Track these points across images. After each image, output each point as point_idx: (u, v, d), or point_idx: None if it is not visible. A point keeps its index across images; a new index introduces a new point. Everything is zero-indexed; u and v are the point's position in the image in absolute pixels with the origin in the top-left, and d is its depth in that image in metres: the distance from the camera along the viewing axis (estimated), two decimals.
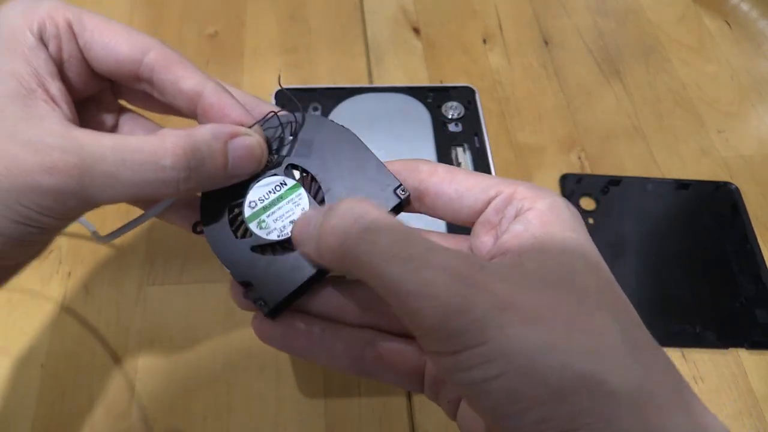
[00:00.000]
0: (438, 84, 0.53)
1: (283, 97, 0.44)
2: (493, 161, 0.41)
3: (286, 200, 0.26)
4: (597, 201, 0.47)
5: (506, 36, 0.59)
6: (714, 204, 0.48)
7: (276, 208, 0.26)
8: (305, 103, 0.43)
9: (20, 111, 0.20)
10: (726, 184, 0.49)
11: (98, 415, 0.35)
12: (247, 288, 0.25)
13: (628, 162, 0.50)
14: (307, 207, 0.25)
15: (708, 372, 0.40)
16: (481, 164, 0.41)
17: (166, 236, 0.44)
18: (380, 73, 0.55)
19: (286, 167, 0.26)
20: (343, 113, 0.43)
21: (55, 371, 0.38)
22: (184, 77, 0.24)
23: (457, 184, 0.23)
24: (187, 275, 0.42)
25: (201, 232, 0.26)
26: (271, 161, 0.26)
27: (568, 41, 0.59)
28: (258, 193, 0.26)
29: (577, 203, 0.47)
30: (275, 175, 0.26)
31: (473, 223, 0.23)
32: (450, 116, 0.43)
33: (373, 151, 0.25)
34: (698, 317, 0.42)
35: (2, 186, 0.19)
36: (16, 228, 0.20)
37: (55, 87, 0.22)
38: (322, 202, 0.25)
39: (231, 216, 0.26)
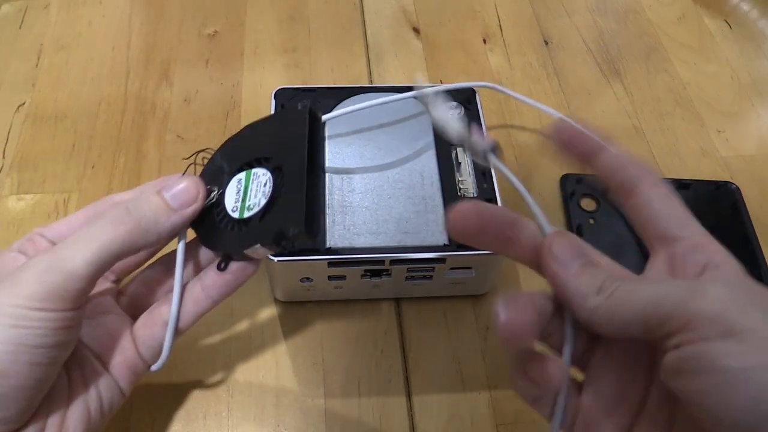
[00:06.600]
0: (438, 84, 0.53)
1: (284, 96, 0.44)
2: None
3: (251, 183, 0.31)
4: (597, 201, 0.47)
5: (506, 36, 0.59)
6: (714, 204, 0.48)
7: (249, 193, 0.30)
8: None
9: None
10: (726, 184, 0.49)
11: None
12: (281, 242, 0.28)
13: None
14: (266, 173, 0.30)
15: None
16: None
17: None
18: (380, 73, 0.55)
19: (234, 173, 0.31)
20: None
21: None
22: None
23: (669, 207, 0.25)
24: None
25: (225, 267, 0.31)
26: (222, 181, 0.32)
27: (568, 41, 0.59)
28: (231, 201, 0.31)
29: (577, 203, 0.47)
30: (230, 183, 0.31)
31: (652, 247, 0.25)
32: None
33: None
34: None
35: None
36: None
37: None
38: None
39: (229, 228, 0.30)
